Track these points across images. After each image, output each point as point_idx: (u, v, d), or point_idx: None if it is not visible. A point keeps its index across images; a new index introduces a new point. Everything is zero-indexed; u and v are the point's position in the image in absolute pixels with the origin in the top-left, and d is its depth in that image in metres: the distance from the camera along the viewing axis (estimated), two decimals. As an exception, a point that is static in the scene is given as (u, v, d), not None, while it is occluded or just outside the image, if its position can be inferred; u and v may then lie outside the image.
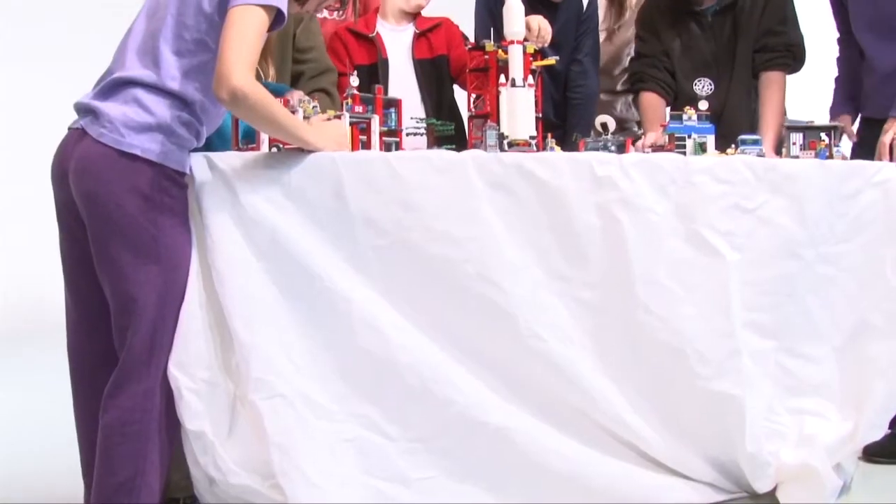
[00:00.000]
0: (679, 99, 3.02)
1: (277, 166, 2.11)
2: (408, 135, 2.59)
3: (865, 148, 2.87)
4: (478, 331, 2.21)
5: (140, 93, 2.04)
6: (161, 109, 2.04)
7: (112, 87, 2.07)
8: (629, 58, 3.29)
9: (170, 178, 2.05)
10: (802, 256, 2.41)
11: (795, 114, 3.02)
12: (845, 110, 2.98)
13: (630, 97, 3.32)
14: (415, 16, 3.12)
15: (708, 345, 2.30)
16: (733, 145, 2.58)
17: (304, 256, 2.11)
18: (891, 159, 2.64)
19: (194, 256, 2.09)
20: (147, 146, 2.02)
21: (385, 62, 3.03)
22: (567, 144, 2.98)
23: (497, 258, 2.19)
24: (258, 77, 2.48)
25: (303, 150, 2.14)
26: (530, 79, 2.53)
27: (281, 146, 2.18)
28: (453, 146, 2.59)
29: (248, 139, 2.29)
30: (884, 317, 2.44)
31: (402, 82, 3.01)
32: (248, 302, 2.07)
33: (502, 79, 2.51)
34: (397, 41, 3.03)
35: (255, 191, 2.09)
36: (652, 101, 3.03)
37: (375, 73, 3.01)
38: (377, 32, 3.06)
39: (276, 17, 2.07)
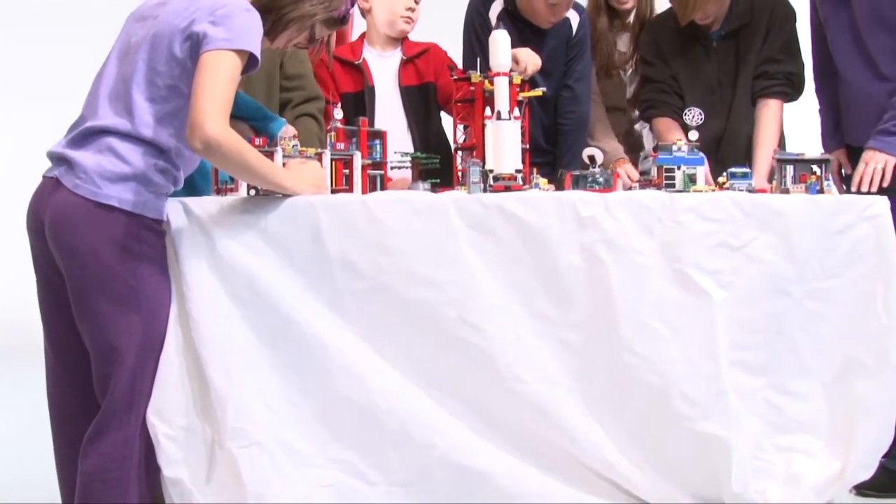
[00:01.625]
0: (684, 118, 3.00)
1: (254, 211, 2.09)
2: (392, 168, 2.56)
3: None
4: (459, 374, 2.19)
5: (114, 141, 2.03)
6: (136, 158, 2.02)
7: (85, 135, 2.05)
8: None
9: (147, 227, 2.03)
10: (791, 293, 2.37)
11: (792, 140, 2.98)
12: (837, 144, 2.94)
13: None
14: (401, 41, 3.08)
15: (694, 386, 2.27)
16: (725, 174, 2.56)
17: (281, 302, 2.10)
18: (868, 191, 2.61)
19: (172, 303, 2.07)
20: (123, 196, 2.00)
21: (371, 90, 3.00)
22: (557, 170, 2.95)
23: (478, 301, 2.17)
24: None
25: (280, 194, 2.12)
26: (516, 111, 2.50)
27: (259, 189, 2.16)
28: (438, 180, 2.58)
29: (228, 179, 2.27)
30: (873, 355, 2.40)
31: (389, 110, 2.99)
32: (224, 350, 2.06)
33: (488, 111, 2.49)
34: (384, 68, 3.00)
35: (232, 237, 2.08)
36: (668, 125, 3.02)
37: (362, 100, 2.99)
38: (363, 59, 3.03)
39: (249, 60, 2.04)
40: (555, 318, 2.23)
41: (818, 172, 2.49)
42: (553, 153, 3.11)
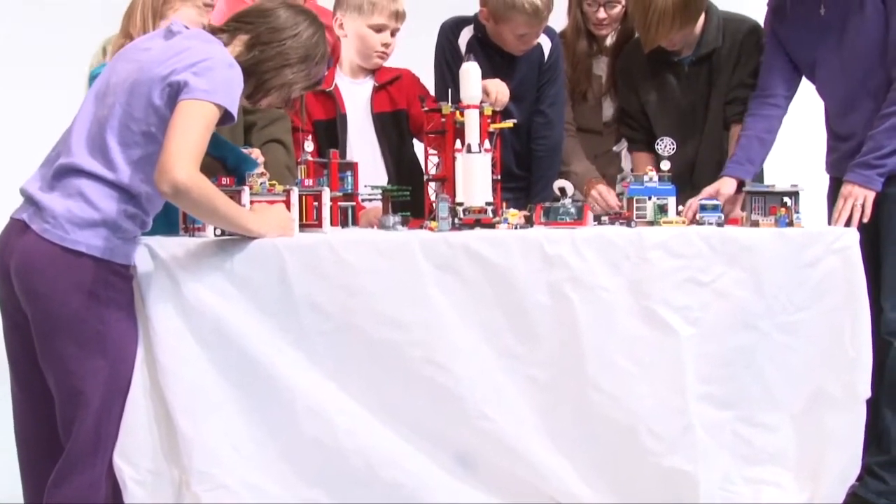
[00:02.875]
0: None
1: (220, 253, 2.10)
2: (363, 200, 2.57)
3: None
4: (426, 413, 2.20)
5: (85, 185, 2.02)
6: (107, 204, 2.02)
7: (57, 174, 2.04)
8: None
9: (115, 273, 2.04)
10: (760, 328, 2.38)
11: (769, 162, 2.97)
12: (738, 172, 2.83)
13: None
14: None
15: (660, 421, 2.28)
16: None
17: (248, 344, 2.11)
18: (847, 224, 2.60)
19: (139, 345, 2.08)
20: (92, 242, 2.00)
21: (343, 117, 2.98)
22: (531, 197, 2.96)
23: (444, 340, 2.18)
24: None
25: (245, 236, 2.12)
26: (487, 143, 2.50)
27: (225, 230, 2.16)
28: (409, 213, 2.58)
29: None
30: (842, 387, 2.41)
31: (362, 137, 2.98)
32: (190, 393, 2.07)
33: (458, 144, 2.49)
34: (356, 95, 2.99)
35: (198, 279, 2.08)
36: (643, 161, 3.02)
37: (334, 128, 2.97)
38: (335, 85, 3.01)
39: (225, 114, 2.04)
40: (521, 355, 2.24)
41: (788, 204, 2.50)
42: (526, 178, 3.10)
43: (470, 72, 2.48)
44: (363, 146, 2.97)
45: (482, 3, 2.98)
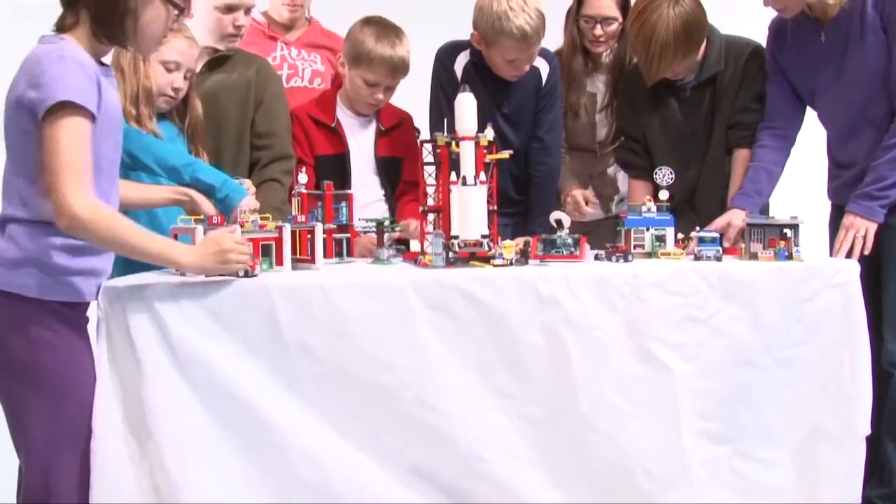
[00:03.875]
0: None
1: (209, 295, 2.08)
2: (358, 233, 2.54)
3: None
4: (420, 455, 2.18)
5: (12, 228, 1.98)
6: (30, 243, 1.96)
7: None
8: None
9: (54, 312, 1.98)
10: (758, 363, 2.36)
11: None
12: (746, 204, 2.80)
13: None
14: None
15: (656, 461, 2.26)
16: (692, 237, 2.54)
17: (239, 387, 2.09)
18: (848, 255, 2.57)
19: (115, 391, 2.04)
20: (21, 282, 1.95)
21: (347, 155, 2.95)
22: (529, 222, 2.93)
23: (436, 382, 2.16)
24: None
25: (234, 277, 2.10)
26: (483, 175, 2.47)
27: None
28: (403, 246, 2.56)
29: None
30: (839, 423, 2.39)
31: (365, 177, 2.96)
32: (181, 436, 2.05)
33: (453, 176, 2.46)
34: (360, 136, 2.97)
35: (188, 322, 2.06)
36: (639, 190, 3.00)
37: (340, 163, 2.94)
38: (337, 121, 2.96)
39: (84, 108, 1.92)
40: (515, 394, 2.23)
41: (788, 236, 2.47)
42: (524, 203, 3.07)
43: (465, 103, 2.45)
44: (367, 183, 2.95)
45: (474, 27, 2.95)
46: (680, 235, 2.61)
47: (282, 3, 3.23)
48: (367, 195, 2.89)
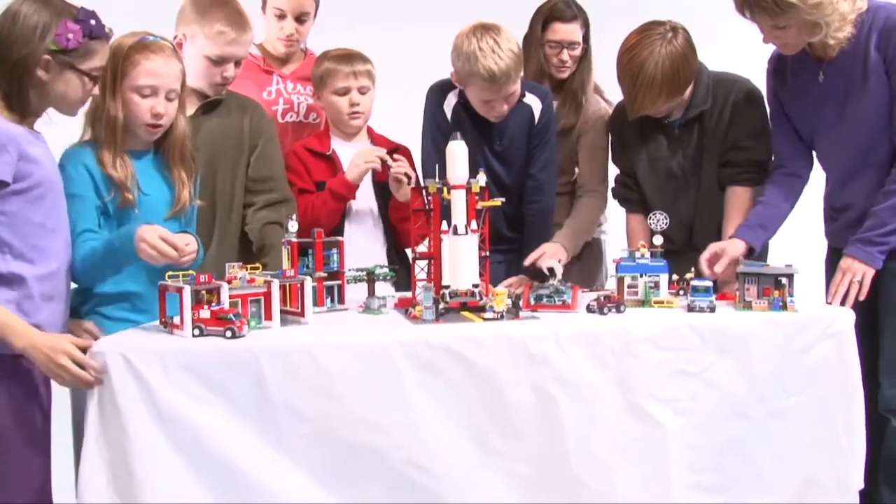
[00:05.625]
0: (652, 209, 2.95)
1: (195, 358, 2.08)
2: (349, 282, 2.53)
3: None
4: (410, 515, 2.18)
5: None
6: None
7: None
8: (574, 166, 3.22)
9: None
10: (751, 416, 2.34)
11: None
12: (747, 235, 2.76)
13: None
14: (367, 130, 3.07)
15: (647, 516, 2.26)
16: (687, 279, 2.53)
17: (227, 449, 2.08)
18: (843, 302, 2.55)
19: (101, 454, 2.04)
20: None
21: None
22: (523, 259, 2.91)
23: (426, 442, 2.15)
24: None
25: (221, 339, 2.10)
26: (474, 223, 2.45)
27: (203, 328, 2.14)
28: (394, 296, 2.55)
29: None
30: (834, 477, 2.37)
31: (362, 201, 2.98)
32: (169, 500, 2.04)
33: (445, 225, 2.45)
34: None
35: (174, 387, 2.05)
36: (636, 224, 3.00)
37: None
38: (332, 150, 2.99)
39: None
40: (505, 451, 2.21)
41: (784, 283, 2.44)
42: (518, 241, 3.06)
43: (456, 151, 2.43)
44: (364, 210, 2.98)
45: (452, 65, 2.94)
46: (675, 277, 2.60)
47: (277, 38, 3.19)
48: (366, 217, 2.96)
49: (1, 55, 2.14)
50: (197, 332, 2.14)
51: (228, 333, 2.11)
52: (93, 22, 2.19)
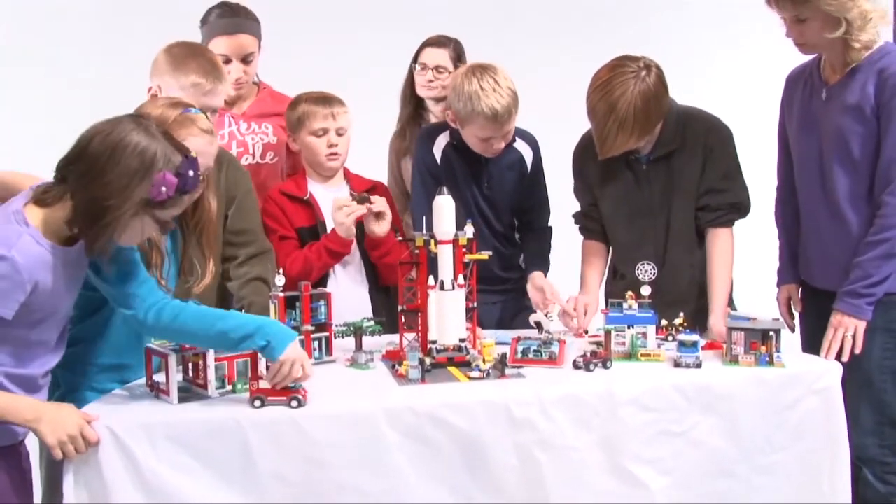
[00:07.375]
0: (615, 245, 2.98)
1: (180, 427, 2.09)
2: (336, 337, 2.54)
3: (811, 316, 2.78)
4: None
5: None
6: None
7: None
8: None
9: None
10: (735, 473, 2.36)
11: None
12: (792, 278, 2.84)
13: None
14: (344, 172, 3.07)
15: (630, 578, 2.28)
16: (672, 333, 2.53)
17: (212, 517, 2.10)
18: (838, 357, 2.54)
19: None
20: None
21: (323, 224, 2.97)
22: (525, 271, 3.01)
23: (411, 507, 2.17)
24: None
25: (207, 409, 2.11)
26: (461, 278, 2.45)
27: (264, 398, 2.15)
28: (381, 327, 2.58)
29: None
30: (818, 533, 2.39)
31: None
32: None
33: (431, 280, 2.45)
34: (331, 202, 2.94)
35: (160, 458, 2.06)
36: (593, 249, 2.99)
37: (314, 234, 2.97)
38: (310, 194, 3.00)
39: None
40: (490, 510, 2.24)
41: (773, 337, 2.44)
42: (511, 280, 3.08)
43: (443, 206, 2.43)
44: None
45: (448, 106, 2.97)
46: (664, 322, 2.60)
47: None
48: (347, 258, 2.96)
49: (90, 182, 1.96)
50: (258, 403, 2.15)
51: (294, 403, 2.13)
52: (191, 174, 2.03)
